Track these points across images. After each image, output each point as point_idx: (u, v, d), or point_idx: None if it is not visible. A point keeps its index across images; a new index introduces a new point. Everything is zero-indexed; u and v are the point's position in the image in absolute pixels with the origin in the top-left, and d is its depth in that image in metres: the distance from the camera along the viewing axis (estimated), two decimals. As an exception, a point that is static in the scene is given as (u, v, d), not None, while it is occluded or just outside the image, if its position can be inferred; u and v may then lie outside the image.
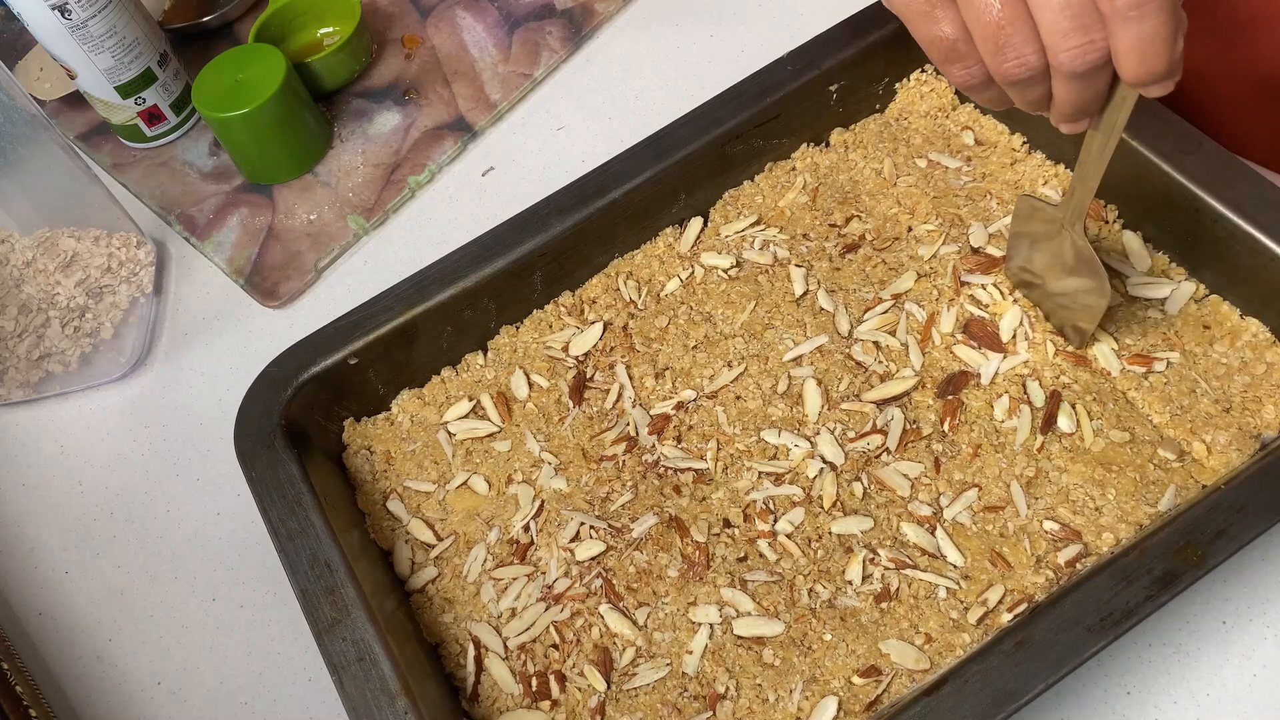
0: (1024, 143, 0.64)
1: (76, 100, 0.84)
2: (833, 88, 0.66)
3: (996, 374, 0.57)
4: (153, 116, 0.80)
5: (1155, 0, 0.36)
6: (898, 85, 0.68)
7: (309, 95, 0.78)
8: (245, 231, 0.77)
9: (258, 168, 0.78)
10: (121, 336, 0.72)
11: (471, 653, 0.54)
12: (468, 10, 0.86)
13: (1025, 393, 0.56)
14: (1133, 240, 0.60)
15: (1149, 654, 0.52)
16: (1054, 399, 0.56)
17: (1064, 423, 0.55)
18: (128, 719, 0.59)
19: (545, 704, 0.52)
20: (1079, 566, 0.51)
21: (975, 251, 0.61)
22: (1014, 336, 0.58)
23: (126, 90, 0.77)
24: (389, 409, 0.63)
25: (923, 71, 0.68)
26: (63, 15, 0.71)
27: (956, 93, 0.68)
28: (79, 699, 0.60)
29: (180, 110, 0.81)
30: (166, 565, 0.64)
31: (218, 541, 0.64)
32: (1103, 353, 0.57)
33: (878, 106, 0.69)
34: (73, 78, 0.77)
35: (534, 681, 0.53)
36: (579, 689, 0.52)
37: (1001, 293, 0.59)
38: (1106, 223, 0.61)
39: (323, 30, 0.85)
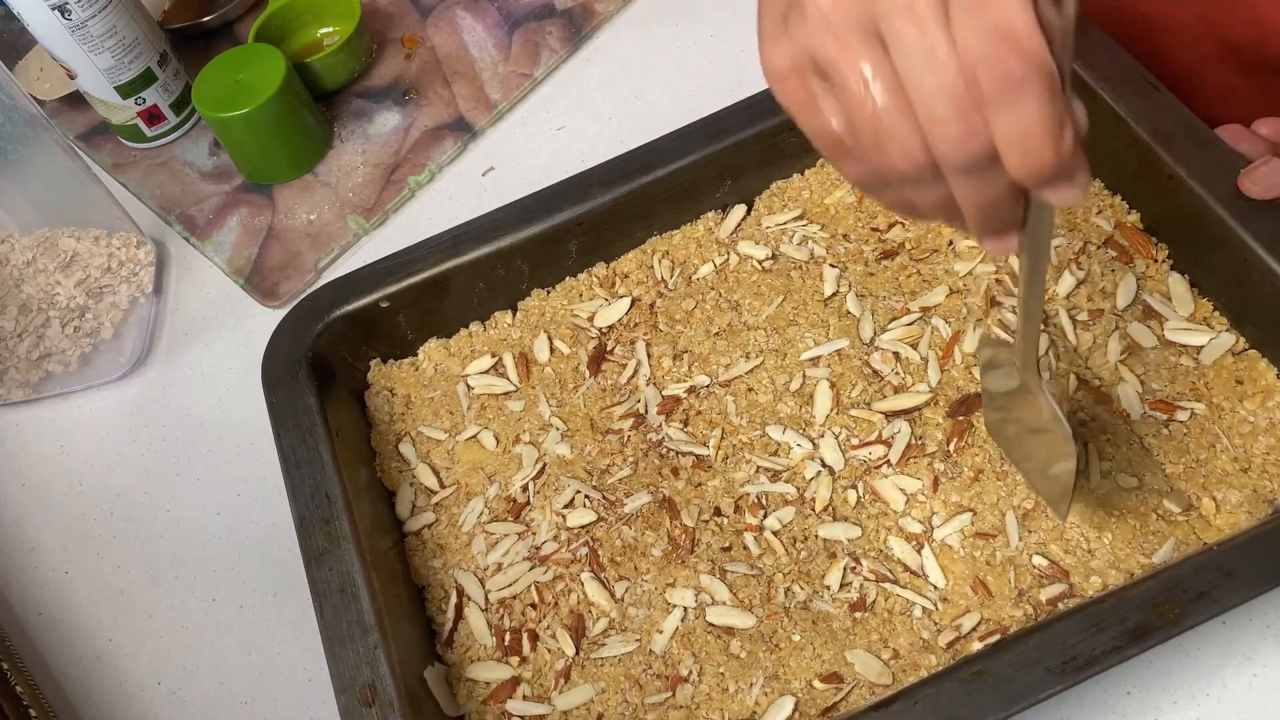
0: (1084, 168, 0.63)
1: (76, 100, 0.85)
2: (896, 90, 0.65)
3: (1013, 400, 0.56)
4: (153, 116, 0.81)
5: (1029, 81, 0.32)
6: (965, 94, 0.66)
7: (309, 95, 0.79)
8: (245, 231, 0.77)
9: (258, 168, 0.79)
10: (121, 336, 0.73)
11: (453, 600, 0.56)
12: (468, 10, 0.86)
13: (1038, 422, 0.55)
14: (1178, 283, 0.58)
15: (1149, 654, 0.51)
16: (1067, 434, 0.54)
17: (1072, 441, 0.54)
18: (128, 719, 0.60)
19: (515, 659, 0.54)
20: (1059, 606, 0.50)
21: (1013, 274, 0.60)
22: (1037, 365, 0.57)
23: (126, 90, 0.78)
24: (415, 355, 0.64)
25: (993, 83, 0.66)
26: (63, 15, 0.71)
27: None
28: (79, 699, 0.61)
29: (180, 110, 0.82)
30: (166, 565, 0.64)
31: (218, 541, 0.65)
32: (1126, 394, 0.55)
33: (942, 114, 0.67)
34: (73, 78, 0.77)
35: (507, 636, 0.54)
36: (549, 650, 0.54)
37: (1033, 319, 0.58)
38: (1155, 261, 0.59)
39: (323, 30, 0.86)
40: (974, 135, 0.34)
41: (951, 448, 0.55)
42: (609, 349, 0.62)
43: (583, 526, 0.56)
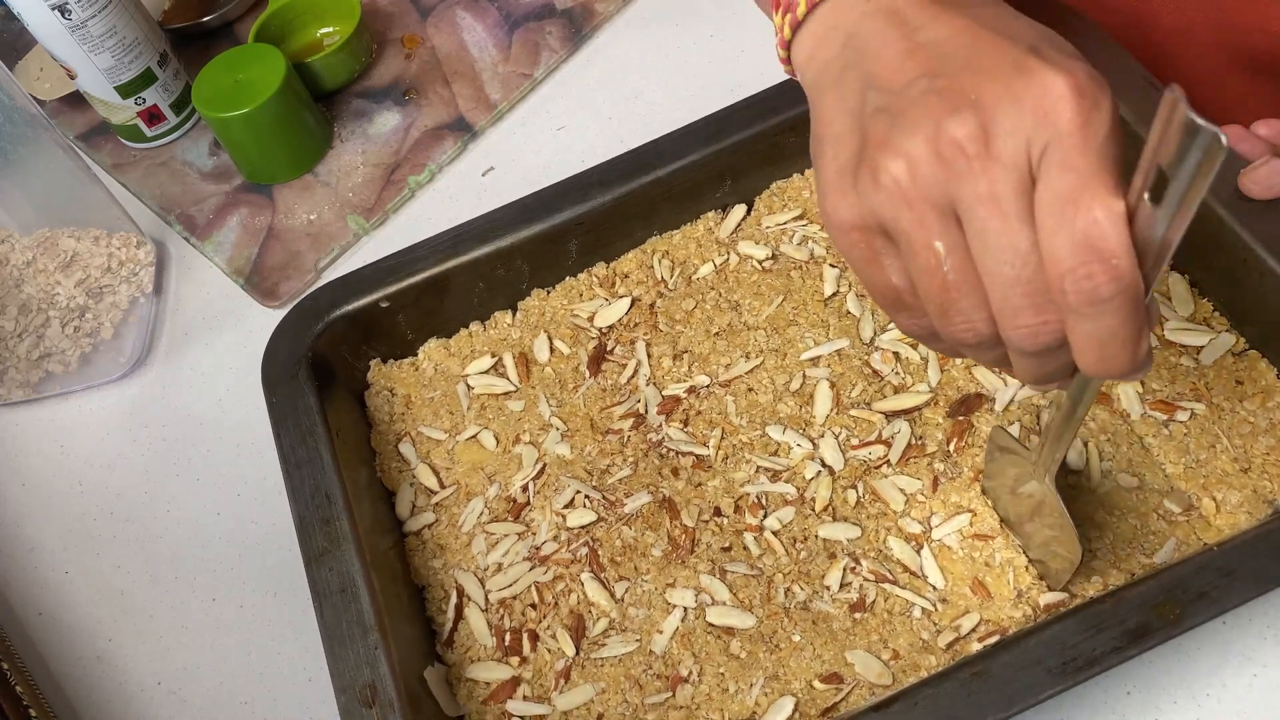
0: (1085, 168, 0.63)
1: (76, 100, 0.85)
2: (896, 90, 0.65)
3: (1012, 400, 0.56)
4: (153, 116, 0.80)
5: (1116, 300, 0.32)
6: (965, 94, 0.66)
7: (309, 95, 0.79)
8: (245, 231, 0.77)
9: (258, 168, 0.78)
10: (121, 336, 0.73)
11: (453, 600, 0.56)
12: (468, 10, 0.86)
13: (1038, 423, 0.55)
14: (1178, 283, 0.58)
15: (1149, 654, 0.51)
16: (1067, 434, 0.54)
17: (1073, 459, 0.54)
18: (128, 719, 0.60)
19: (515, 659, 0.54)
20: (1061, 609, 0.50)
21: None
22: (1038, 365, 0.57)
23: (126, 90, 0.78)
24: (415, 355, 0.64)
25: (993, 83, 0.66)
26: (63, 15, 0.71)
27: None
28: (79, 699, 0.61)
29: (180, 110, 0.82)
30: (166, 565, 0.64)
31: (218, 541, 0.65)
32: (1126, 394, 0.55)
33: (942, 114, 0.67)
34: (73, 78, 0.77)
35: (508, 637, 0.54)
36: (549, 650, 0.54)
37: (1033, 319, 0.58)
38: (1155, 261, 0.59)
39: (323, 30, 0.86)
40: (1047, 328, 0.34)
41: (951, 448, 0.55)
42: (609, 349, 0.62)
43: (583, 526, 0.56)
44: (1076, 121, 0.33)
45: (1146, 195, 0.31)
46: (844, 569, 0.53)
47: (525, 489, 0.58)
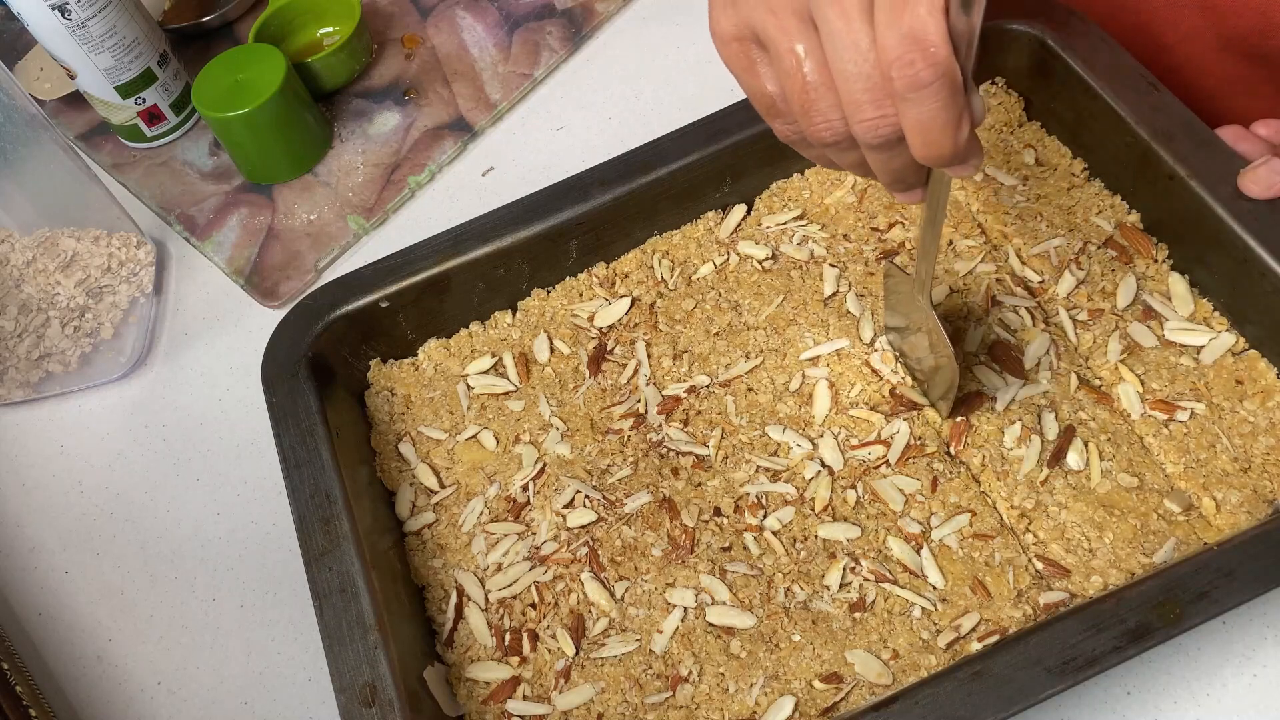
0: (1084, 169, 0.63)
1: (76, 100, 0.85)
2: (896, 90, 0.65)
3: (1013, 400, 0.56)
4: (153, 116, 0.80)
5: (935, 84, 0.37)
6: (965, 94, 0.66)
7: (309, 95, 0.79)
8: (245, 231, 0.77)
9: (258, 168, 0.78)
10: (121, 336, 0.73)
11: (453, 600, 0.56)
12: (468, 10, 0.86)
13: (1039, 423, 0.55)
14: (1178, 283, 0.58)
15: (1148, 654, 0.51)
16: (1067, 433, 0.55)
17: (1073, 459, 0.54)
18: (128, 719, 0.60)
19: (515, 659, 0.54)
20: (1061, 609, 0.50)
21: (1013, 273, 0.60)
22: (1038, 364, 0.57)
23: (126, 90, 0.78)
24: (415, 355, 0.64)
25: (993, 84, 0.66)
26: (63, 15, 0.71)
27: (1025, 109, 0.66)
28: (79, 699, 0.61)
29: (180, 110, 0.82)
30: (166, 565, 0.64)
31: (217, 541, 0.65)
32: (1126, 393, 0.55)
33: (942, 114, 0.67)
34: (73, 78, 0.77)
35: (507, 636, 0.54)
36: (549, 650, 0.54)
37: (1033, 317, 0.58)
38: (1155, 261, 0.59)
39: (323, 30, 0.86)
40: (885, 121, 0.39)
41: (951, 448, 0.55)
42: (609, 349, 0.62)
43: (583, 526, 0.56)
44: None
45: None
46: (844, 569, 0.53)
47: (525, 489, 0.58)
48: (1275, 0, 0.58)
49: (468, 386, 0.63)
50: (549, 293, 0.65)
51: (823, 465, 0.56)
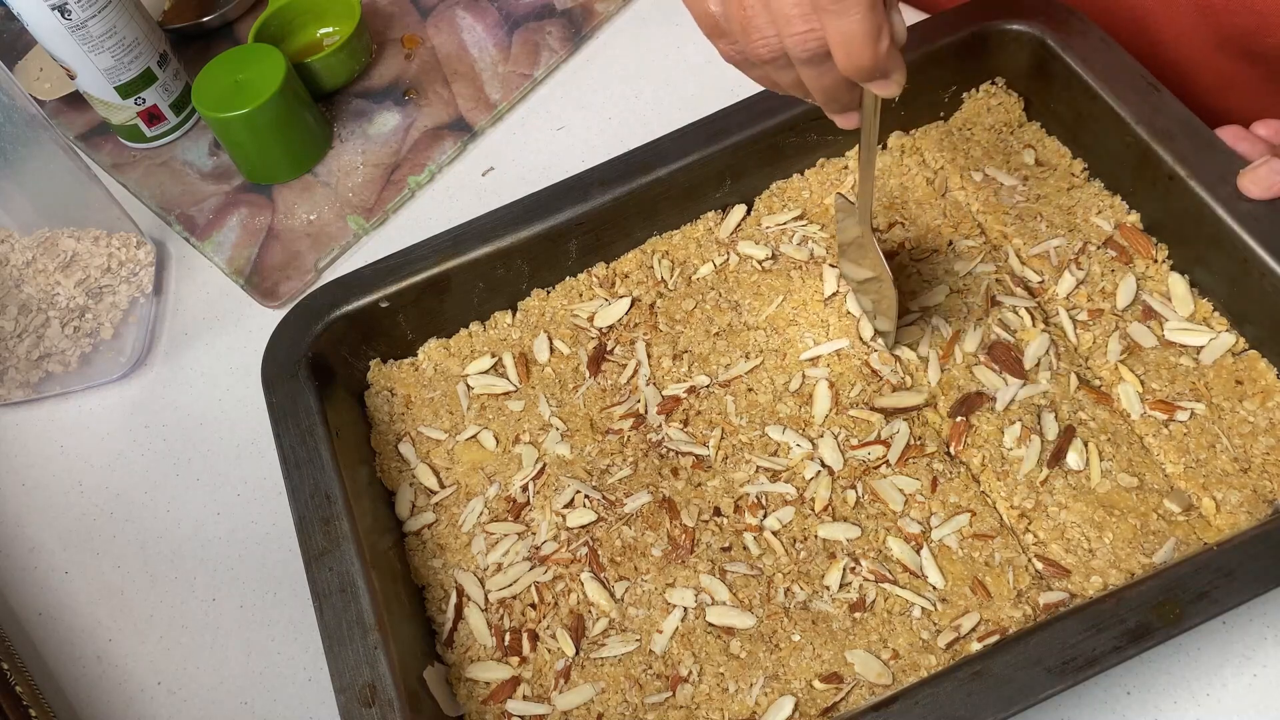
0: (1084, 169, 0.63)
1: (76, 100, 0.85)
2: (896, 90, 0.65)
3: (1013, 400, 0.56)
4: (153, 116, 0.80)
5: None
6: (965, 95, 0.67)
7: (309, 95, 0.79)
8: (245, 231, 0.77)
9: (258, 168, 0.78)
10: (121, 336, 0.73)
11: (453, 600, 0.56)
12: (468, 10, 0.86)
13: (1039, 423, 0.55)
14: (1178, 284, 0.58)
15: (1148, 654, 0.51)
16: (1067, 434, 0.55)
17: (1073, 459, 0.54)
18: (128, 719, 0.60)
19: (515, 659, 0.54)
20: (1061, 609, 0.50)
21: (1013, 273, 0.60)
22: (1038, 364, 0.57)
23: (126, 90, 0.78)
24: (415, 355, 0.64)
25: (993, 84, 0.66)
26: (63, 15, 0.71)
27: (1024, 110, 0.66)
28: (79, 699, 0.61)
29: (180, 110, 0.82)
30: (166, 565, 0.64)
31: (217, 541, 0.65)
32: (1126, 393, 0.55)
33: (942, 114, 0.67)
34: (73, 78, 0.77)
35: (507, 637, 0.54)
36: (549, 650, 0.54)
37: (1033, 318, 0.58)
38: (1155, 261, 0.59)
39: (323, 30, 0.86)
40: (812, 35, 0.42)
41: (951, 448, 0.55)
42: (609, 349, 0.62)
43: (583, 526, 0.56)
44: None
45: None
46: (844, 569, 0.53)
47: (525, 489, 0.58)
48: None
49: (468, 386, 0.63)
50: (549, 293, 0.65)
51: (823, 465, 0.56)
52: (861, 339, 0.59)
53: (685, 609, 0.53)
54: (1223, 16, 0.61)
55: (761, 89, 0.64)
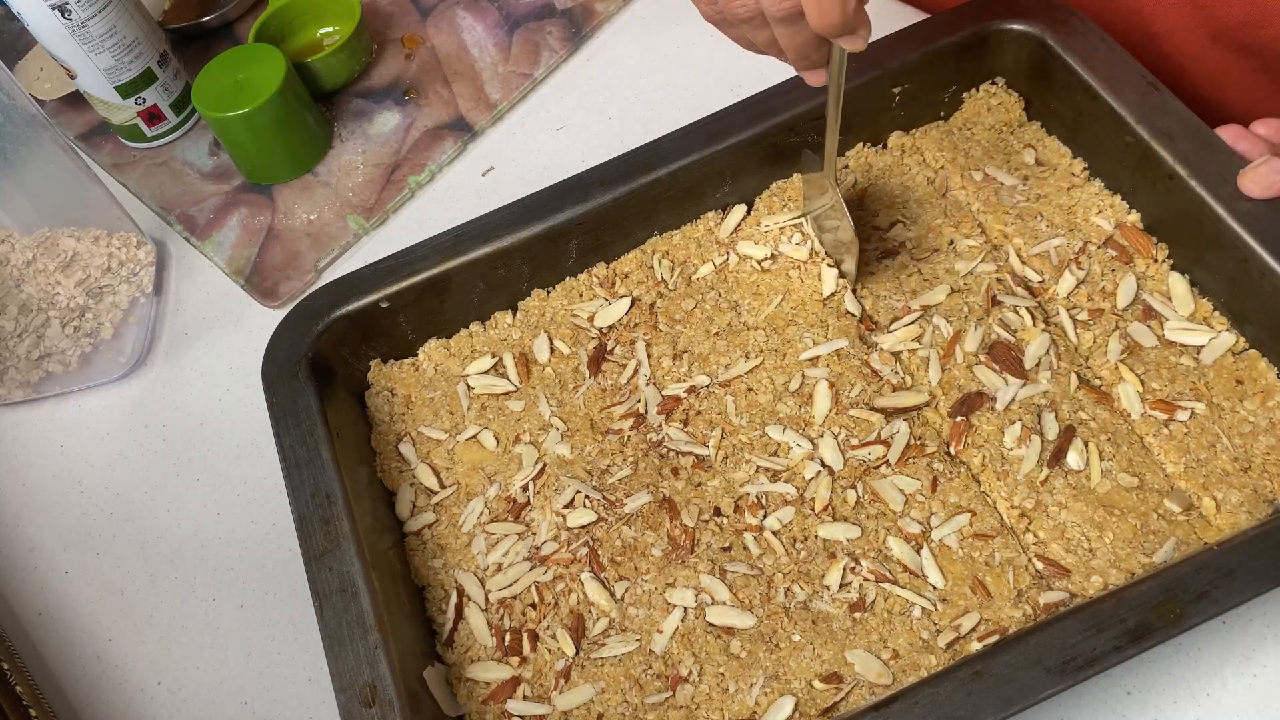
0: (1084, 169, 0.63)
1: (76, 100, 0.85)
2: (896, 90, 0.65)
3: (1013, 400, 0.56)
4: (153, 116, 0.80)
5: None
6: (965, 95, 0.67)
7: (309, 95, 0.79)
8: (245, 231, 0.77)
9: (258, 168, 0.78)
10: (121, 336, 0.73)
11: (454, 600, 0.56)
12: (468, 10, 0.86)
13: (1039, 423, 0.55)
14: (1178, 283, 0.58)
15: (1148, 654, 0.51)
16: (1067, 433, 0.55)
17: (1073, 459, 0.54)
18: (128, 719, 0.60)
19: (515, 659, 0.54)
20: (1061, 608, 0.50)
21: (1014, 273, 0.60)
22: (1038, 364, 0.57)
23: (126, 90, 0.78)
24: (415, 355, 0.64)
25: (993, 84, 0.66)
26: (63, 15, 0.71)
27: (1025, 110, 0.66)
28: (79, 699, 0.61)
29: (180, 110, 0.82)
30: (166, 565, 0.64)
31: (217, 541, 0.65)
32: (1126, 393, 0.55)
33: (942, 114, 0.67)
34: (73, 78, 0.77)
35: (507, 637, 0.54)
36: (549, 650, 0.54)
37: (1033, 317, 0.58)
38: (1155, 261, 0.59)
39: (323, 30, 0.86)
40: None
41: (951, 448, 0.55)
42: (609, 349, 0.62)
43: (583, 526, 0.56)
44: None
45: None
46: (844, 569, 0.53)
47: (525, 489, 0.58)
48: None
49: (468, 387, 0.63)
50: (549, 293, 0.65)
51: (823, 465, 0.56)
52: (861, 339, 0.59)
53: (685, 609, 0.53)
54: (1219, 10, 0.61)
55: (762, 89, 0.64)
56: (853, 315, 0.60)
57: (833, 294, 0.61)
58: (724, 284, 0.63)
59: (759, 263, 0.63)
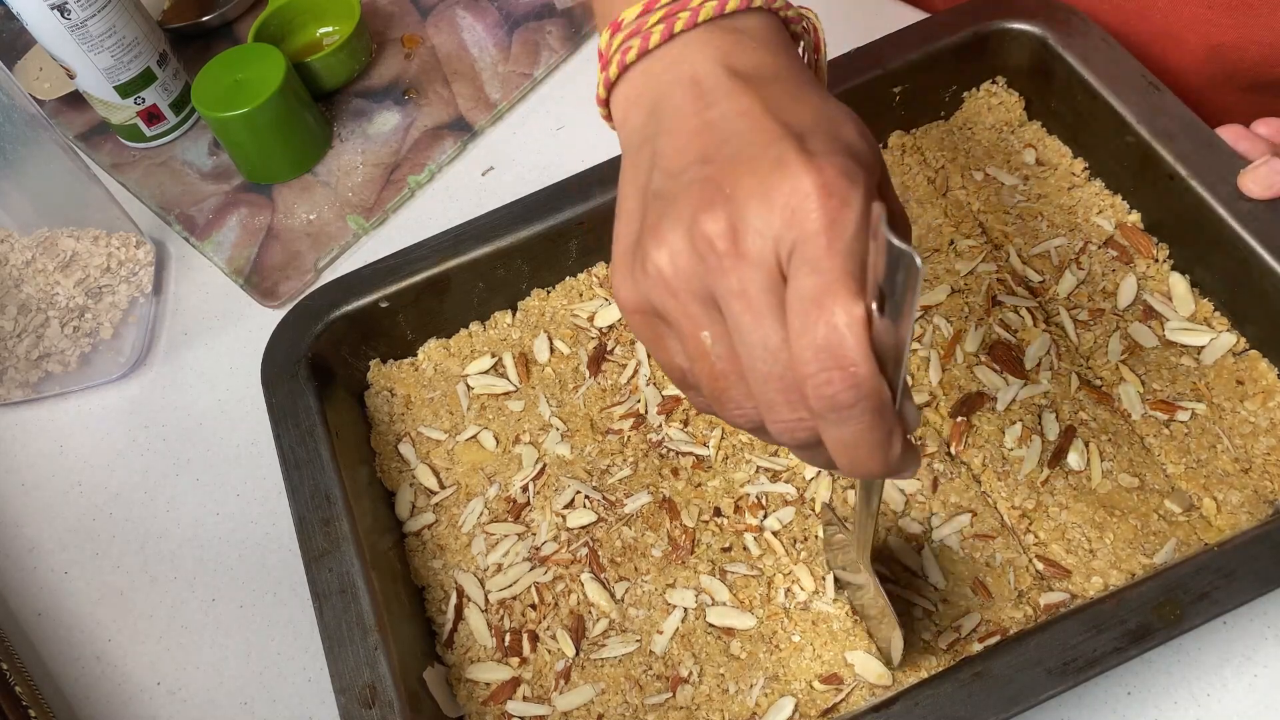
0: (1085, 168, 0.63)
1: (76, 100, 0.84)
2: (896, 89, 0.65)
3: (1014, 400, 0.56)
4: (152, 116, 0.80)
5: (857, 406, 0.32)
6: (965, 94, 0.67)
7: (309, 95, 0.79)
8: (245, 231, 0.77)
9: (257, 168, 0.78)
10: (121, 336, 0.72)
11: (453, 601, 0.56)
12: (468, 10, 0.86)
13: (1040, 423, 0.55)
14: (1179, 283, 0.58)
15: (1149, 655, 0.51)
16: (1068, 434, 0.54)
17: (1074, 459, 0.54)
18: (127, 719, 0.60)
19: (515, 660, 0.54)
20: (1062, 609, 0.50)
21: (1014, 273, 0.60)
22: (1038, 364, 0.57)
23: (126, 90, 0.77)
24: (415, 355, 0.64)
25: (993, 83, 0.66)
26: (62, 15, 0.71)
27: (1025, 109, 0.66)
28: (79, 699, 0.61)
29: (180, 110, 0.82)
30: (166, 565, 0.64)
31: (217, 541, 0.64)
32: (1126, 393, 0.55)
33: (942, 113, 0.67)
34: (72, 77, 0.77)
35: (507, 637, 0.54)
36: (549, 651, 0.53)
37: (1033, 317, 0.58)
38: (1156, 261, 0.59)
39: (322, 30, 0.85)
40: (802, 425, 0.34)
41: (951, 448, 0.55)
42: (609, 349, 0.62)
43: (583, 527, 0.56)
44: (822, 222, 0.31)
45: (874, 306, 0.31)
46: (844, 569, 0.53)
47: (525, 489, 0.58)
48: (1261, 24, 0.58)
49: (468, 387, 0.63)
50: (549, 293, 0.65)
51: (823, 465, 0.56)
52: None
53: (685, 609, 0.53)
54: (1230, 50, 0.61)
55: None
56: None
57: (833, 294, 0.61)
58: (724, 284, 0.63)
59: (759, 263, 0.63)
